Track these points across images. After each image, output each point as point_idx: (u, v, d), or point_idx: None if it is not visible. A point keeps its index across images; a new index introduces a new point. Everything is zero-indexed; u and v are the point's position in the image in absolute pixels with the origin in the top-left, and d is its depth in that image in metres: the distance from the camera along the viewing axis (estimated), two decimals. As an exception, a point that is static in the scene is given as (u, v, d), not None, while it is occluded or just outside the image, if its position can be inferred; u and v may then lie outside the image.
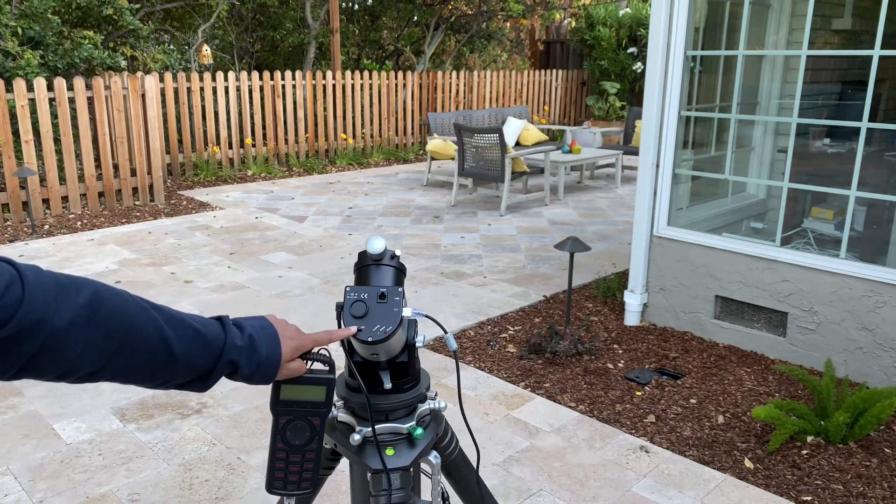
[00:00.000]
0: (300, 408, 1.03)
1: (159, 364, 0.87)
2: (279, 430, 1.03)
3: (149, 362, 0.86)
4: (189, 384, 0.93)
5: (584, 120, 12.79)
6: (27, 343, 0.73)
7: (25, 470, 2.58)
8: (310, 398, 1.03)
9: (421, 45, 13.40)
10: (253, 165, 8.83)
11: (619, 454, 2.72)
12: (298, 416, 1.03)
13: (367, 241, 1.09)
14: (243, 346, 0.94)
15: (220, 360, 0.92)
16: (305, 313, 4.16)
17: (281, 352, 0.98)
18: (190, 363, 0.90)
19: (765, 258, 3.49)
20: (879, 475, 2.57)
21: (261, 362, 0.95)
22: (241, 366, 0.94)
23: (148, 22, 10.50)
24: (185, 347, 0.89)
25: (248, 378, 0.96)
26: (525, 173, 7.21)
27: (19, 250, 5.41)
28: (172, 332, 0.87)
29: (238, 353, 0.94)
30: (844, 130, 4.42)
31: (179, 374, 0.90)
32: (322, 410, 1.03)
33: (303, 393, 1.02)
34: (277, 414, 1.03)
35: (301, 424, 1.03)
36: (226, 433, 2.85)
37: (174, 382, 0.91)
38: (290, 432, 1.03)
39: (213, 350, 0.92)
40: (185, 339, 0.89)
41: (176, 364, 0.88)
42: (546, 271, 5.01)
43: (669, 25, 3.58)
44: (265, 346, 0.96)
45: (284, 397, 1.02)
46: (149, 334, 0.85)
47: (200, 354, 0.90)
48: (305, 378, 1.02)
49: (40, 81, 6.18)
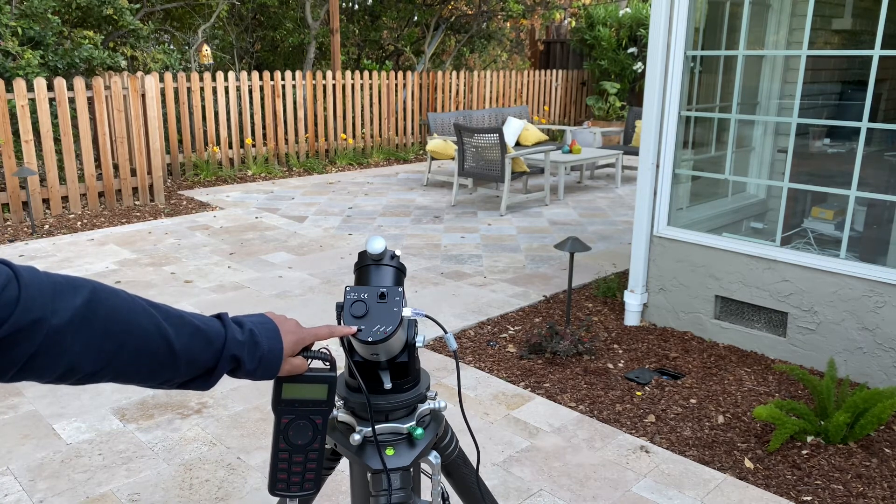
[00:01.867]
0: (302, 407, 1.02)
1: (161, 362, 0.86)
2: (281, 429, 1.02)
3: (150, 360, 0.85)
4: (192, 382, 0.92)
5: (584, 120, 12.79)
6: (25, 343, 0.73)
7: (25, 470, 2.58)
8: (311, 396, 1.02)
9: (421, 45, 13.40)
10: (253, 165, 8.83)
11: (619, 454, 2.72)
12: (300, 415, 1.02)
13: (367, 241, 1.09)
14: (244, 340, 0.94)
15: (222, 355, 0.92)
16: (305, 313, 4.16)
17: (282, 345, 0.97)
18: (192, 360, 0.89)
19: (765, 258, 3.49)
20: (879, 475, 2.57)
21: (263, 356, 0.95)
22: (244, 360, 0.94)
23: (148, 22, 10.50)
24: (185, 344, 0.88)
25: (252, 373, 0.95)
26: (525, 173, 7.21)
27: (19, 250, 5.41)
28: (172, 329, 0.87)
29: (240, 348, 0.93)
30: (844, 130, 4.42)
31: (182, 371, 0.89)
32: (324, 409, 1.03)
33: (304, 391, 1.02)
34: (279, 413, 1.02)
35: (303, 424, 1.02)
36: (226, 433, 2.85)
37: (177, 381, 0.90)
38: (292, 432, 1.02)
39: (214, 346, 0.91)
40: (185, 336, 0.88)
41: (178, 361, 0.88)
42: (546, 271, 5.01)
43: (669, 25, 3.58)
44: (266, 340, 0.96)
45: (286, 396, 1.02)
46: (149, 332, 0.84)
47: (202, 351, 0.90)
48: (307, 376, 1.02)
49: (40, 81, 6.18)
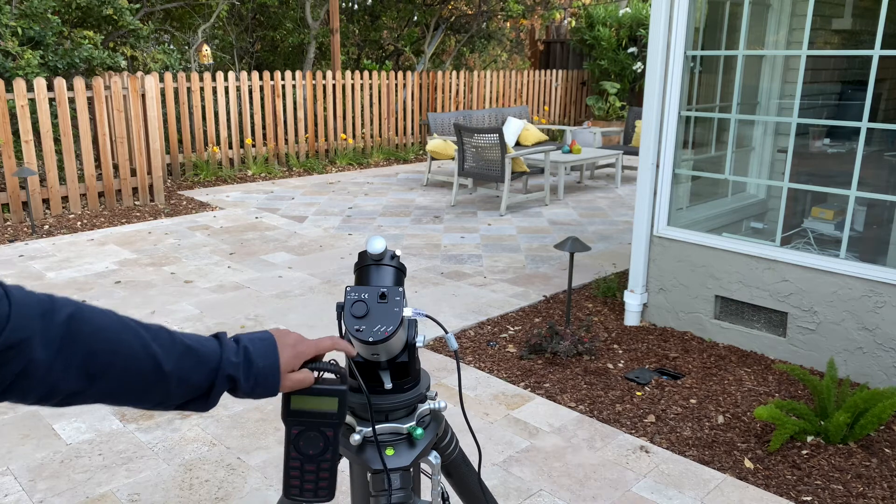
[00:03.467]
0: (312, 418, 1.00)
1: (150, 382, 0.84)
2: (292, 439, 1.01)
3: (138, 381, 0.83)
4: (189, 404, 0.90)
5: (584, 120, 12.79)
6: (14, 362, 0.72)
7: (25, 470, 2.58)
8: (321, 409, 1.00)
9: (421, 45, 13.40)
10: (253, 165, 8.83)
11: (619, 454, 2.72)
12: (311, 426, 1.00)
13: (368, 241, 1.09)
14: (239, 361, 0.92)
15: (217, 375, 0.90)
16: (305, 313, 4.16)
17: (278, 360, 0.94)
18: (184, 380, 0.87)
19: (765, 258, 3.49)
20: (879, 475, 2.57)
21: (258, 374, 0.92)
22: (240, 380, 0.91)
23: (148, 22, 10.50)
24: (175, 364, 0.86)
25: (250, 392, 0.93)
26: (525, 173, 7.21)
27: (19, 250, 5.41)
28: (161, 349, 0.85)
29: (235, 369, 0.91)
30: (844, 130, 4.42)
31: (175, 392, 0.87)
32: (335, 421, 1.01)
33: (313, 403, 1.00)
34: (289, 424, 1.01)
35: (314, 435, 1.01)
36: (226, 433, 2.85)
37: (172, 402, 0.89)
38: (302, 442, 1.01)
39: (208, 366, 0.89)
40: (174, 356, 0.86)
41: (168, 381, 0.86)
42: (546, 271, 5.01)
43: (669, 25, 3.58)
44: (260, 357, 0.93)
45: (295, 407, 1.00)
46: (135, 352, 0.83)
47: (194, 370, 0.88)
48: (315, 389, 0.99)
49: (40, 81, 6.18)
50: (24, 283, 4.63)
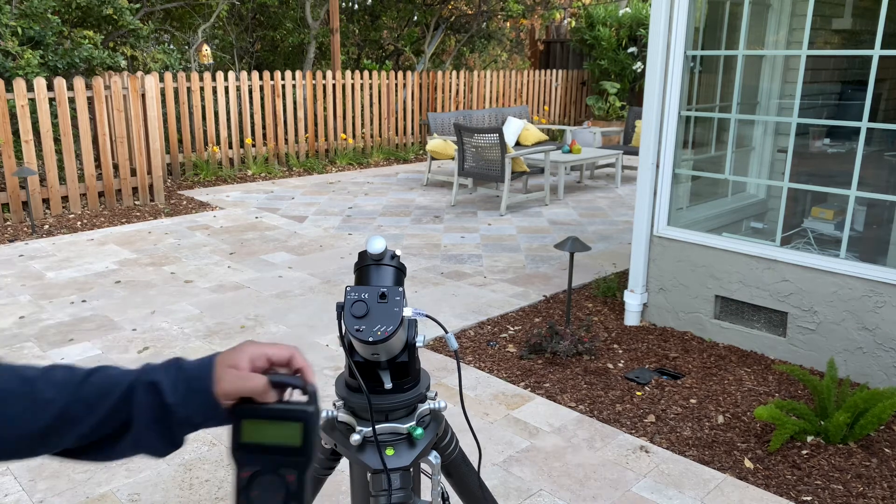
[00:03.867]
0: (268, 454, 0.74)
1: (35, 416, 0.71)
2: (241, 487, 0.74)
3: (20, 420, 0.71)
4: (109, 439, 0.75)
5: (584, 120, 12.79)
6: None
7: (25, 470, 2.58)
8: (280, 441, 0.74)
9: (421, 45, 13.40)
10: (253, 165, 8.83)
11: (619, 454, 2.72)
12: (267, 467, 0.74)
13: (368, 240, 1.09)
14: (163, 366, 0.77)
15: (136, 385, 0.75)
16: (305, 313, 4.16)
17: (214, 357, 0.78)
18: (83, 400, 0.73)
19: (765, 258, 3.49)
20: (879, 475, 2.57)
21: (190, 378, 0.75)
22: (163, 386, 0.74)
23: (148, 22, 10.50)
24: (72, 393, 0.73)
25: (182, 403, 0.74)
26: (525, 173, 7.21)
27: (19, 250, 5.41)
28: (51, 386, 0.73)
29: (157, 372, 0.76)
30: (844, 130, 4.42)
31: (82, 421, 0.72)
32: (299, 459, 0.74)
33: (271, 433, 0.74)
34: (239, 464, 0.75)
35: (271, 480, 0.74)
36: (226, 433, 2.85)
37: (82, 430, 0.73)
38: (256, 492, 0.74)
39: (123, 379, 0.75)
40: (72, 386, 0.74)
41: (68, 411, 0.72)
42: (546, 271, 5.01)
43: (669, 25, 3.58)
44: (192, 363, 0.78)
45: (247, 439, 0.74)
46: (11, 393, 0.71)
47: (102, 390, 0.74)
48: (273, 410, 0.74)
49: (40, 81, 6.18)
50: (25, 282, 4.63)
